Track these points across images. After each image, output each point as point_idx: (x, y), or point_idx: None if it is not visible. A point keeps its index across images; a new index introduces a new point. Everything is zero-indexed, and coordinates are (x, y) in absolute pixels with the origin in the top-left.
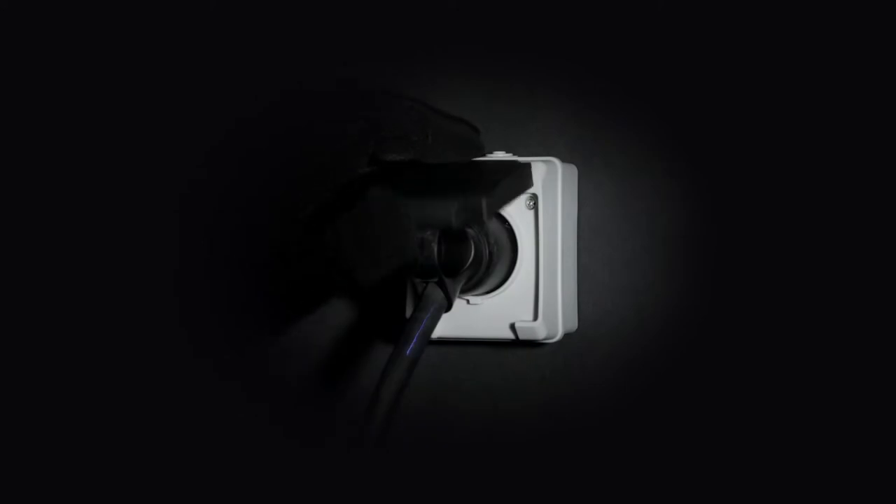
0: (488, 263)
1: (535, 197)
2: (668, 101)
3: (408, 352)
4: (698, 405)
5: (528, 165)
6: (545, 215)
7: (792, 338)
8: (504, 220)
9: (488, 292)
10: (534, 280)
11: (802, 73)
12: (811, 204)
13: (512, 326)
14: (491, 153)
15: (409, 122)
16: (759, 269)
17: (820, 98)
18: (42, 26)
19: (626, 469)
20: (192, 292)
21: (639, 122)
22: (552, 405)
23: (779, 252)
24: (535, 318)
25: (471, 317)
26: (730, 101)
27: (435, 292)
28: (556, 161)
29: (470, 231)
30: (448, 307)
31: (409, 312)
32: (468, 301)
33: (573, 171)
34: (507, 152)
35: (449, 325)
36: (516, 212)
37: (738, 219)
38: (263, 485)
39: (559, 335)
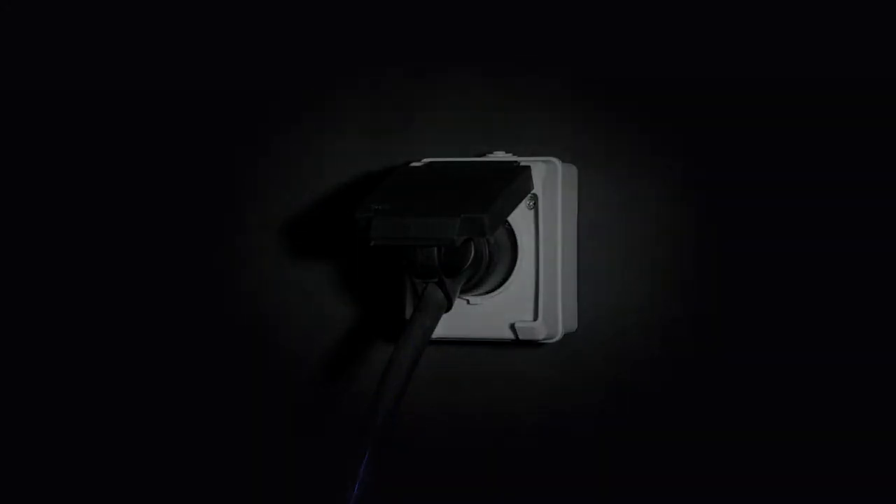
0: (488, 263)
1: (535, 197)
2: (668, 101)
3: (408, 352)
4: (698, 405)
5: (528, 169)
6: (545, 215)
7: (792, 338)
8: (504, 221)
9: (488, 292)
10: (534, 280)
11: (802, 74)
12: (811, 204)
13: (512, 326)
14: (491, 153)
15: None
16: (760, 270)
17: (820, 98)
18: (42, 26)
19: (625, 469)
20: (191, 291)
21: (639, 122)
22: (552, 405)
23: (779, 252)
24: (535, 318)
25: (471, 317)
26: (730, 101)
27: (435, 292)
28: (556, 161)
29: None
30: (448, 307)
31: (409, 312)
32: (468, 301)
33: (573, 171)
34: (507, 152)
35: (449, 325)
36: (516, 212)
37: (738, 219)
38: (264, 485)
39: (559, 335)
